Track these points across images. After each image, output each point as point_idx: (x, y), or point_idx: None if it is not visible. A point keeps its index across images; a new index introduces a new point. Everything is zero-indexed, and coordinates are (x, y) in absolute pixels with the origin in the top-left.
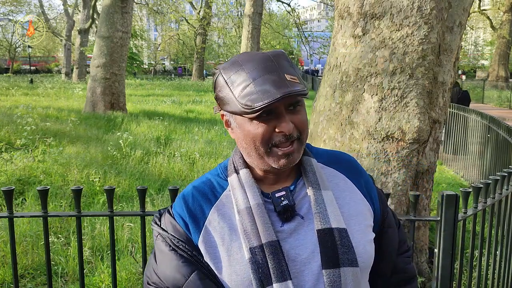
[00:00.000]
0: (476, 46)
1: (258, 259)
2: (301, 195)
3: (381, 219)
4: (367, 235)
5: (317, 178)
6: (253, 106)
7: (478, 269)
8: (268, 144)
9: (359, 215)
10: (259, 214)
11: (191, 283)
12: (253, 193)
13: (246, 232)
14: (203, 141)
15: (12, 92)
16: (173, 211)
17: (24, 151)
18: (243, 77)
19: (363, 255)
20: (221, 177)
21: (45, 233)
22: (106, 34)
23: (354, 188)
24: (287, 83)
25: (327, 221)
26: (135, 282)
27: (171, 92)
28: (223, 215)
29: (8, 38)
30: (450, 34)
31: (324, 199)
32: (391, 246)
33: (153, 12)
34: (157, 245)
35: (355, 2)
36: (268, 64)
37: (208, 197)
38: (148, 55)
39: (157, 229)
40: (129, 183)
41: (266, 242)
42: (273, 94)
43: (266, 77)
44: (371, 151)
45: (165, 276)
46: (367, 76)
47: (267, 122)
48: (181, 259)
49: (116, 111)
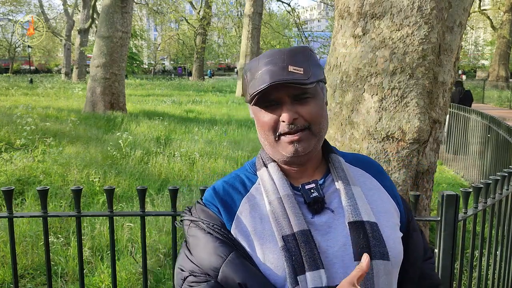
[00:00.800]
0: (476, 46)
1: (291, 247)
2: (330, 190)
3: (406, 222)
4: (396, 232)
5: (346, 174)
6: (250, 93)
7: (478, 269)
8: (275, 132)
9: (387, 212)
10: (290, 204)
11: (229, 263)
12: (282, 184)
13: (278, 220)
14: (203, 141)
15: (12, 92)
16: (203, 201)
17: (24, 151)
18: (254, 70)
19: (393, 250)
20: (250, 172)
21: (45, 233)
22: (106, 34)
23: (381, 187)
24: (285, 73)
25: (358, 214)
26: (135, 282)
27: (171, 92)
28: (254, 206)
29: (8, 38)
30: (450, 34)
31: (354, 194)
32: (417, 250)
33: (153, 12)
34: (190, 232)
35: (355, 2)
36: (278, 56)
37: (238, 190)
38: (148, 55)
39: (189, 217)
40: (129, 183)
41: (298, 230)
42: (265, 82)
43: (269, 68)
44: (371, 151)
45: (201, 260)
46: (367, 76)
47: (272, 111)
48: (217, 240)
49: (116, 111)
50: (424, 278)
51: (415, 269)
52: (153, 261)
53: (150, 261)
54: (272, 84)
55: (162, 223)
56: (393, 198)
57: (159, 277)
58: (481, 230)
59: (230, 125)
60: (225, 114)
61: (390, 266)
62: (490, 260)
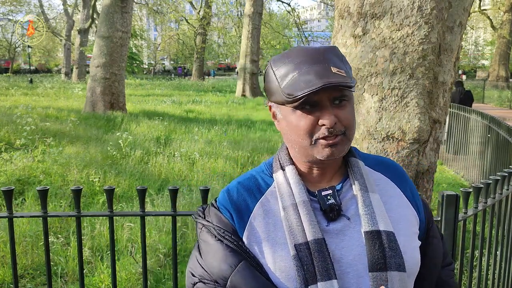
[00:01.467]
0: (476, 46)
1: (303, 256)
2: (347, 196)
3: (426, 228)
4: (414, 241)
5: (364, 180)
6: (294, 95)
7: (478, 270)
8: (312, 136)
9: (406, 221)
10: (305, 211)
11: (238, 273)
12: (299, 190)
13: (291, 228)
14: (203, 141)
15: (12, 92)
16: (217, 204)
17: (24, 151)
18: (289, 68)
19: (410, 261)
20: (266, 173)
21: (45, 233)
22: (106, 34)
23: (401, 194)
24: (331, 74)
25: (375, 223)
26: (135, 283)
27: (171, 92)
28: (268, 211)
29: (8, 38)
30: (450, 34)
31: (372, 202)
32: (436, 257)
33: (153, 12)
34: (202, 236)
35: (355, 2)
36: (315, 56)
37: (253, 192)
38: (148, 55)
39: (201, 221)
40: (129, 183)
41: (312, 239)
42: (315, 84)
43: (311, 68)
44: (371, 151)
45: (211, 267)
46: (367, 76)
47: (310, 114)
48: (227, 249)
49: (116, 111)
50: (442, 286)
51: (433, 275)
52: (153, 261)
53: (150, 261)
54: (326, 85)
55: (162, 223)
56: (414, 204)
57: (159, 277)
58: (481, 230)
59: (230, 125)
60: (225, 114)
61: (405, 276)
62: (490, 260)
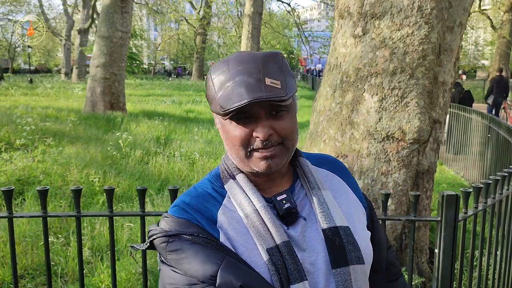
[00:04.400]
0: (476, 46)
1: (276, 260)
2: (300, 197)
3: (370, 215)
4: (366, 232)
5: (315, 178)
6: (225, 108)
7: (478, 270)
8: (247, 147)
9: (356, 213)
10: (267, 215)
11: (225, 268)
12: (256, 196)
13: (259, 233)
14: (203, 141)
15: (12, 92)
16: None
17: (24, 151)
18: (225, 77)
19: (366, 252)
20: (216, 185)
21: (45, 233)
22: (106, 34)
23: (347, 187)
24: (263, 87)
25: (331, 220)
26: (135, 283)
27: (171, 92)
28: (231, 218)
29: (7, 38)
30: (450, 34)
31: (325, 199)
32: (382, 241)
33: (153, 12)
34: (171, 248)
35: (355, 2)
36: (252, 65)
37: (211, 203)
38: (148, 55)
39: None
40: (128, 183)
41: (281, 242)
42: (244, 98)
43: (244, 79)
44: (372, 151)
45: (193, 271)
46: (367, 76)
47: (245, 125)
48: (206, 249)
49: (115, 111)
50: (389, 267)
51: (382, 259)
52: (153, 261)
53: (150, 261)
54: (252, 102)
55: None
56: (358, 195)
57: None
58: (481, 230)
59: None
60: None
61: (366, 268)
62: (490, 260)
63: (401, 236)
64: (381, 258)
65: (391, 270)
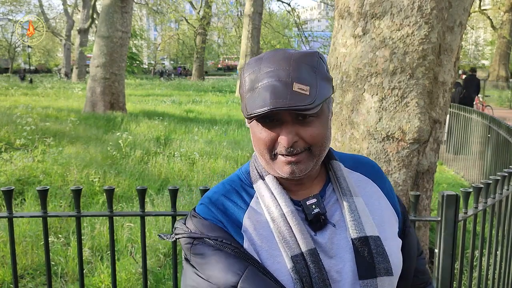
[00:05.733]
0: (476, 46)
1: (300, 268)
2: (331, 202)
3: (403, 221)
4: (397, 242)
5: (347, 184)
6: (249, 112)
7: (478, 270)
8: (272, 151)
9: (388, 222)
10: (294, 221)
11: (247, 280)
12: (284, 200)
13: (285, 240)
14: (203, 141)
15: (12, 92)
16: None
17: (24, 151)
18: (255, 77)
19: (395, 263)
20: (245, 183)
21: (45, 233)
22: (106, 34)
23: (381, 193)
24: (288, 94)
25: (362, 229)
26: (135, 283)
27: (171, 92)
28: (257, 222)
29: (7, 38)
30: (450, 34)
31: (357, 206)
32: (412, 247)
33: (152, 12)
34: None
35: (355, 1)
36: (282, 67)
37: (237, 204)
38: (148, 55)
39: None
40: (128, 183)
41: (306, 250)
42: (266, 104)
43: (272, 83)
44: (372, 151)
45: (215, 279)
46: (368, 76)
47: (271, 129)
48: (229, 257)
49: (115, 111)
50: (418, 275)
51: (411, 266)
52: (153, 261)
53: (150, 261)
54: (272, 110)
55: (162, 223)
56: (391, 200)
57: (159, 277)
58: (481, 230)
59: (230, 125)
60: (225, 114)
61: (394, 280)
62: (490, 260)
63: None
64: (410, 266)
65: (419, 278)
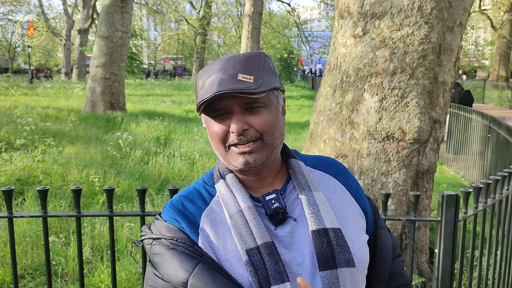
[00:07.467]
0: (476, 46)
1: (256, 261)
2: (292, 198)
3: (373, 221)
4: (361, 236)
5: (306, 180)
6: (197, 103)
7: (478, 270)
8: (225, 143)
9: (352, 216)
10: (251, 216)
11: (196, 275)
12: (242, 196)
13: (240, 234)
14: (203, 141)
15: (12, 92)
16: (163, 217)
17: (24, 151)
18: (205, 77)
19: (358, 255)
20: (208, 184)
21: (45, 233)
22: (106, 34)
23: (344, 190)
24: (233, 82)
25: (321, 222)
26: (135, 283)
27: (171, 92)
28: (215, 220)
29: (7, 38)
30: (450, 34)
31: (316, 200)
32: (386, 248)
33: (152, 12)
34: (153, 251)
35: (355, 1)
36: (229, 63)
37: (197, 204)
38: (148, 55)
39: (151, 236)
40: (128, 183)
41: (262, 243)
42: (211, 91)
43: (218, 76)
44: (372, 151)
45: (169, 277)
46: (368, 76)
47: (222, 122)
48: (182, 255)
49: (115, 111)
50: (394, 278)
51: (385, 268)
52: None
53: None
54: (216, 94)
55: None
56: (358, 198)
57: None
58: (481, 230)
59: None
60: None
61: (356, 272)
62: (490, 260)
63: (401, 236)
64: (383, 266)
65: (395, 280)
